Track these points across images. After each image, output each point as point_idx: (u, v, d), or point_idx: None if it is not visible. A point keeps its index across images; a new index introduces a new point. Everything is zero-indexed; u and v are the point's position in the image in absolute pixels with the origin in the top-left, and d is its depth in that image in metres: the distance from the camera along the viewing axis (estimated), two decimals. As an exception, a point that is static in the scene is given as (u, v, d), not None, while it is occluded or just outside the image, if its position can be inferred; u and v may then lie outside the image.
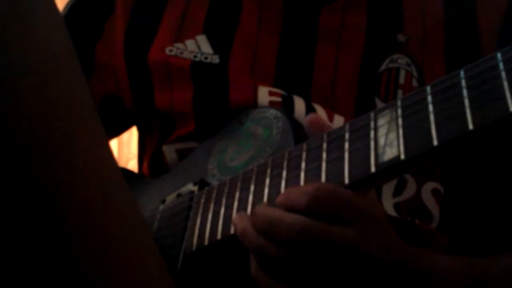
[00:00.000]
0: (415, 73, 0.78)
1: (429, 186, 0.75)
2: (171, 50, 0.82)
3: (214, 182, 0.71)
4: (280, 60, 0.80)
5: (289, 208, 0.54)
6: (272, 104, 0.76)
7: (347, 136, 0.56)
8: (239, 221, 0.58)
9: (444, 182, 0.76)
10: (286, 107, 0.75)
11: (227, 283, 0.64)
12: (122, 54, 0.87)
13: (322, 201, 0.52)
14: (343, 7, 0.81)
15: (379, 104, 0.76)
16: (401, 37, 0.80)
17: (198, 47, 0.82)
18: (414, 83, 0.77)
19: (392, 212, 0.73)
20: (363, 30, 0.80)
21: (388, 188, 0.74)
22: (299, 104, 0.76)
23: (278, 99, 0.76)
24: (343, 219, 0.53)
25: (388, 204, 0.73)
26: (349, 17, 0.81)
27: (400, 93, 0.77)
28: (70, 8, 0.93)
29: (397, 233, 0.58)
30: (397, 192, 0.74)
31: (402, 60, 0.78)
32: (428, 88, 0.52)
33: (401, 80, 0.77)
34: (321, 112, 0.76)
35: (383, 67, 0.78)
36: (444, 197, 0.76)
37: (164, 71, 0.82)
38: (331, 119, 0.75)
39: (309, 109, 0.76)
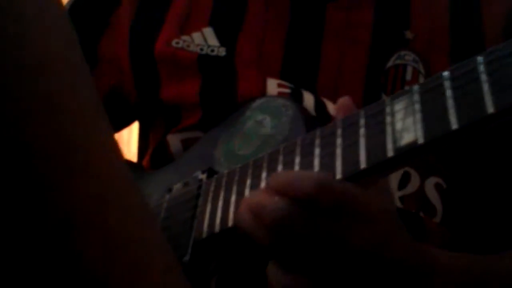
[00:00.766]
0: (422, 70, 0.78)
1: (432, 180, 0.75)
2: (177, 43, 0.82)
3: (222, 171, 0.70)
4: (287, 54, 0.80)
5: (290, 195, 0.54)
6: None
7: (362, 122, 0.56)
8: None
9: (446, 177, 0.76)
10: (295, 99, 0.75)
11: (239, 272, 0.64)
12: (127, 46, 0.87)
13: (321, 194, 0.53)
14: (349, 3, 0.82)
15: None
16: (409, 34, 0.80)
17: (205, 39, 0.82)
18: (421, 80, 0.78)
19: (398, 205, 0.73)
20: (370, 27, 0.81)
21: (393, 182, 0.74)
22: (308, 98, 0.76)
23: (287, 91, 0.76)
24: (336, 213, 0.53)
25: (394, 197, 0.73)
26: (356, 14, 0.81)
27: None
28: (74, 1, 0.93)
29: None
30: (401, 186, 0.74)
31: (409, 57, 0.79)
32: (446, 74, 0.52)
33: (408, 76, 0.78)
34: (330, 106, 0.76)
35: (390, 63, 0.79)
36: (446, 192, 0.76)
37: (171, 63, 0.82)
38: None
39: (318, 103, 0.76)
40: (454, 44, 0.80)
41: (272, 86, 0.77)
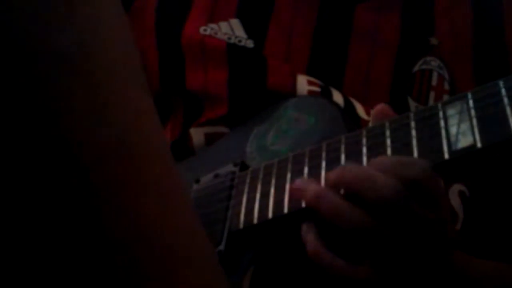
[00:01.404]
0: (446, 76, 0.80)
1: (456, 188, 0.77)
2: (205, 30, 0.82)
3: (254, 165, 0.71)
4: (314, 51, 0.81)
5: (388, 172, 0.53)
6: (310, 94, 0.77)
7: (413, 124, 0.58)
8: (307, 185, 0.58)
9: (470, 185, 0.78)
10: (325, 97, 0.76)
11: (276, 264, 0.64)
12: (153, 32, 0.86)
13: (421, 186, 0.54)
14: (378, 6, 0.83)
15: (412, 104, 0.79)
16: (434, 41, 0.82)
17: (232, 30, 0.82)
18: (446, 86, 0.80)
19: None
20: (398, 30, 0.82)
21: None
22: (337, 97, 0.77)
23: (317, 89, 0.77)
24: (430, 201, 0.54)
25: None
26: (384, 17, 0.83)
27: (432, 94, 0.79)
28: None
29: None
30: None
31: (434, 63, 0.81)
32: (501, 83, 0.54)
33: (434, 82, 0.80)
34: (358, 107, 0.77)
35: (416, 67, 0.80)
36: (469, 200, 0.78)
37: (198, 50, 0.82)
38: (368, 114, 0.77)
39: (347, 103, 0.77)
40: (477, 52, 0.82)
41: (302, 82, 0.78)
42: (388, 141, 0.59)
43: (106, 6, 0.30)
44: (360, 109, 0.77)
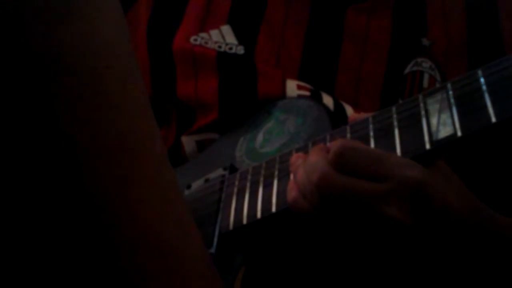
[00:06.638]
0: (438, 78, 0.80)
1: None
2: (195, 40, 0.83)
3: (244, 168, 0.71)
4: (305, 55, 0.81)
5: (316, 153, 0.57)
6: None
7: (395, 117, 0.58)
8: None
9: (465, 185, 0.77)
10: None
11: (267, 264, 0.64)
12: (144, 42, 0.87)
13: (344, 156, 0.54)
14: (369, 8, 0.83)
15: None
16: (426, 41, 0.82)
17: (223, 37, 0.83)
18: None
19: None
20: (389, 33, 0.82)
21: None
22: (328, 101, 0.77)
23: (307, 93, 0.77)
24: (367, 175, 0.54)
25: None
26: (375, 19, 0.83)
27: None
28: None
29: None
30: None
31: (426, 64, 0.81)
32: (480, 72, 0.54)
33: (425, 83, 0.80)
34: (349, 110, 0.77)
35: (407, 69, 0.80)
36: None
37: (189, 60, 0.83)
38: None
39: (337, 106, 0.77)
40: (472, 51, 0.82)
41: (292, 87, 0.78)
42: (371, 135, 0.59)
43: (107, 7, 0.30)
44: (350, 112, 0.77)
